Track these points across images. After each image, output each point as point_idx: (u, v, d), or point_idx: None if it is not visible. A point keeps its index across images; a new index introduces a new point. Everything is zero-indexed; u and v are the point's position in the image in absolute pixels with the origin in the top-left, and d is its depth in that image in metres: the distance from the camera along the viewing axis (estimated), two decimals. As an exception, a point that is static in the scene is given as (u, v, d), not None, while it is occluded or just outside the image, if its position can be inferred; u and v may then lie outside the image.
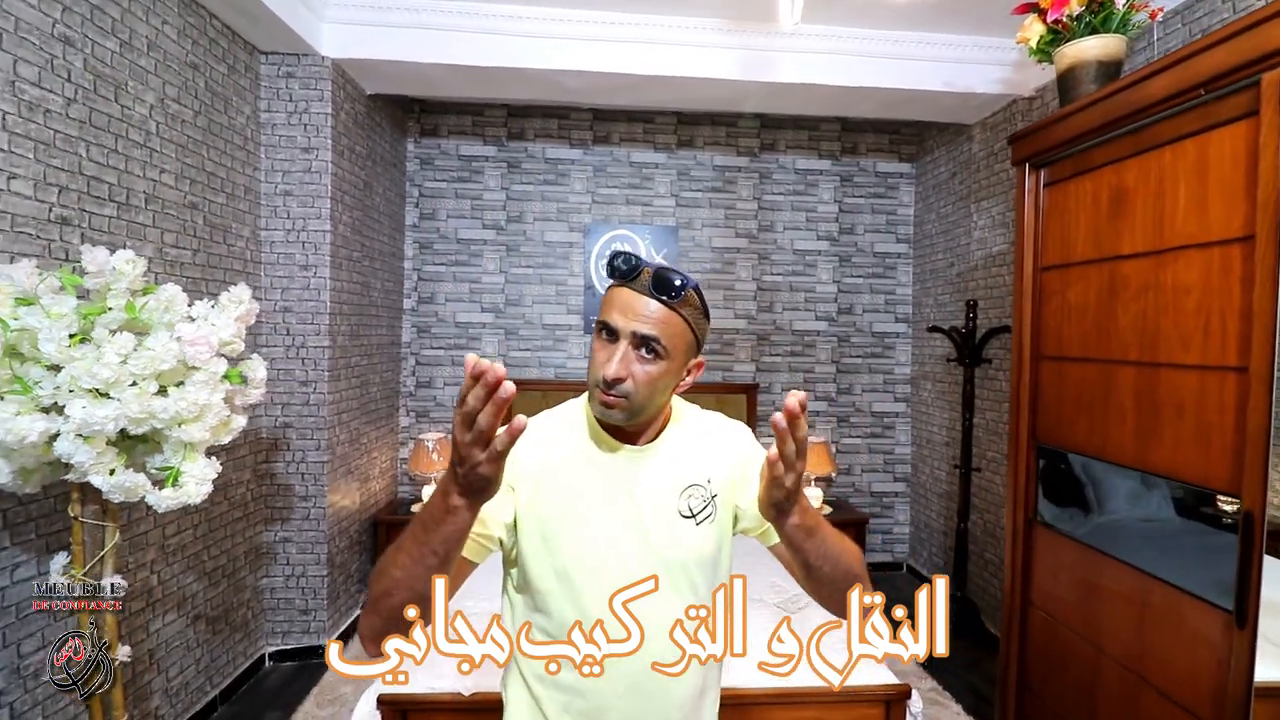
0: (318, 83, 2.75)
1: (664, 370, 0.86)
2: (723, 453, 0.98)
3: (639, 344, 0.84)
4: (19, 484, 1.42)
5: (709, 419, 1.04)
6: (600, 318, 0.87)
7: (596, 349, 0.87)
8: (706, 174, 3.83)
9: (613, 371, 0.83)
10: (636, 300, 0.84)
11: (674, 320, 0.85)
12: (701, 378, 3.45)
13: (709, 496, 0.94)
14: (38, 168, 1.71)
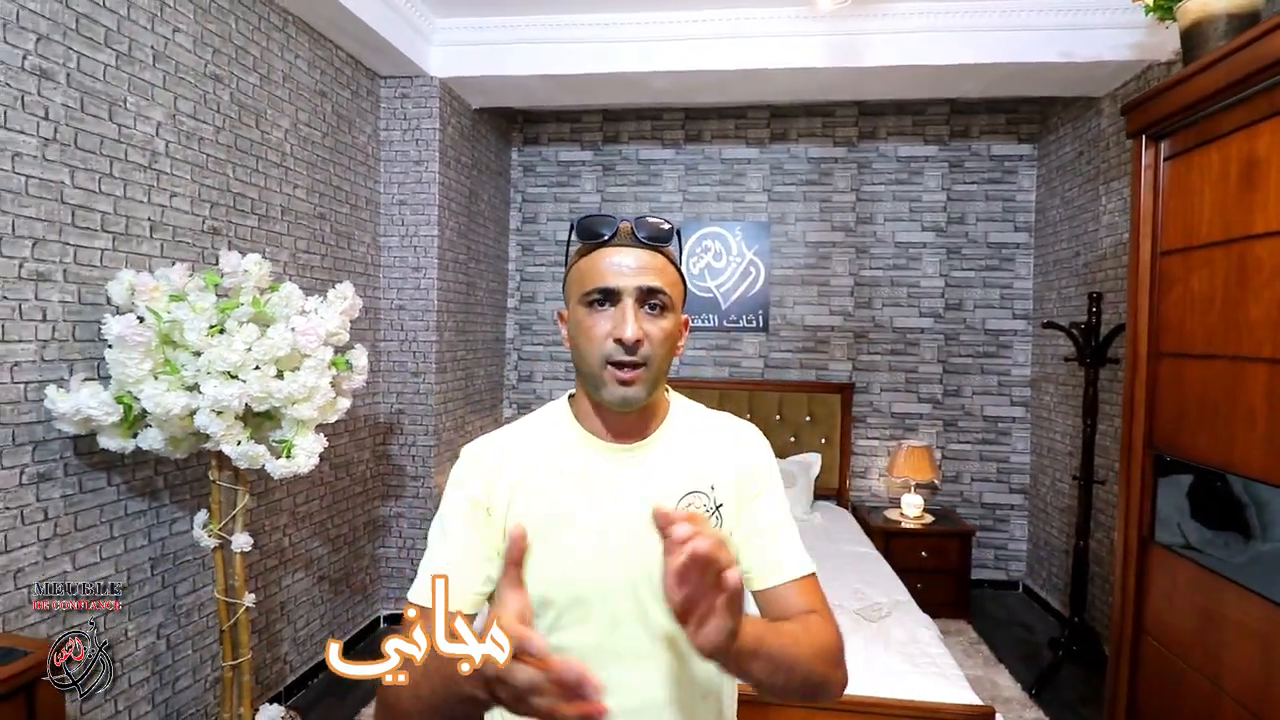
0: (427, 101, 3.02)
1: (673, 326, 0.77)
2: (729, 456, 0.83)
3: (643, 299, 0.74)
4: (170, 450, 1.70)
5: (713, 416, 0.89)
6: (588, 287, 0.75)
7: (588, 325, 0.75)
8: (800, 167, 3.73)
9: (631, 330, 0.71)
10: (628, 255, 0.75)
11: (669, 268, 0.77)
12: (795, 375, 3.37)
13: (713, 506, 0.79)
14: (193, 187, 2.05)
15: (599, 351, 0.74)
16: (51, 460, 1.65)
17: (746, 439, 0.86)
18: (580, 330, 0.76)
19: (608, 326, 0.73)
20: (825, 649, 0.71)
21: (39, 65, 1.58)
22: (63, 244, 1.66)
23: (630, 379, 0.73)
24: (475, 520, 0.78)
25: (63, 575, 1.68)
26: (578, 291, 0.77)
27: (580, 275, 0.77)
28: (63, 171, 1.65)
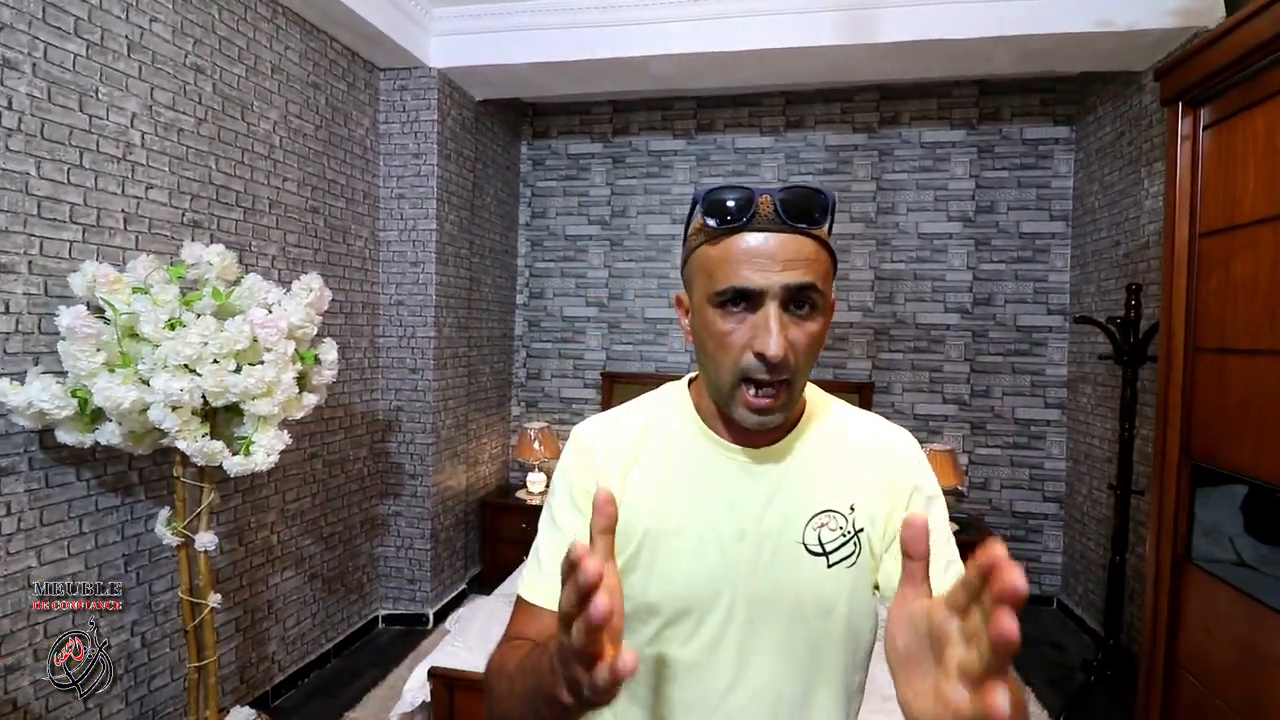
0: (426, 93, 2.96)
1: (823, 327, 0.64)
2: (877, 470, 0.69)
3: (789, 301, 0.60)
4: (131, 446, 1.67)
5: (862, 420, 0.75)
6: (720, 285, 0.61)
7: (721, 329, 0.62)
8: (817, 155, 3.55)
9: (777, 346, 0.58)
10: (771, 242, 0.60)
11: (823, 255, 0.63)
12: (817, 375, 3.22)
13: (850, 531, 0.67)
14: (172, 179, 2.02)
15: (734, 365, 0.62)
16: (14, 454, 1.63)
17: (900, 450, 0.71)
18: (709, 334, 0.63)
19: (746, 336, 0.61)
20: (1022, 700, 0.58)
21: (1, 55, 1.56)
22: (27, 235, 1.64)
23: (769, 404, 0.62)
24: (583, 513, 0.69)
25: (26, 570, 1.66)
26: (706, 287, 0.63)
27: (708, 266, 0.63)
28: (28, 162, 1.63)
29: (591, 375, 3.83)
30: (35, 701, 1.69)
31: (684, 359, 3.75)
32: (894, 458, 0.71)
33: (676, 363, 3.75)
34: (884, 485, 0.69)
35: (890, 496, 0.69)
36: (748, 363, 0.61)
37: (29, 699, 1.67)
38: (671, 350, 3.77)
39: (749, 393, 0.62)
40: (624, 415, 0.76)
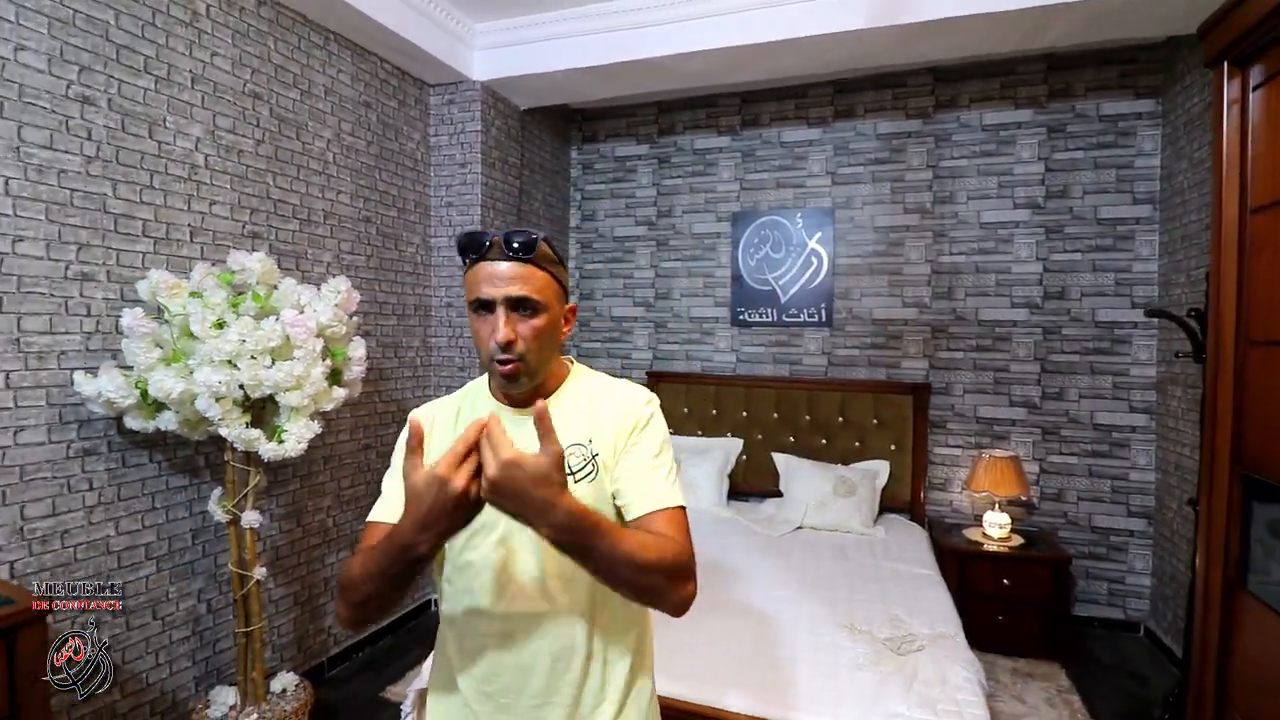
0: (470, 105, 3.12)
1: (545, 322, 0.90)
2: (612, 413, 0.96)
3: (514, 306, 0.88)
4: (187, 432, 1.88)
5: (611, 383, 1.02)
6: (471, 299, 0.90)
7: (478, 328, 0.90)
8: (868, 145, 3.40)
9: (502, 335, 0.86)
10: (497, 268, 0.88)
11: (536, 274, 0.89)
12: (862, 374, 3.09)
13: (589, 455, 0.93)
14: (233, 195, 2.26)
15: (486, 350, 0.89)
16: (96, 438, 1.88)
17: (630, 398, 0.98)
18: (473, 331, 0.92)
19: (488, 330, 0.88)
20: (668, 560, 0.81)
21: (81, 93, 1.82)
22: (105, 248, 1.90)
23: (511, 371, 0.88)
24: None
25: (105, 539, 1.92)
26: (467, 299, 0.92)
27: (467, 285, 0.92)
28: (105, 185, 1.89)
29: (638, 374, 3.87)
30: (115, 652, 1.95)
31: (730, 358, 3.70)
32: (624, 405, 0.96)
33: (723, 361, 3.71)
34: (614, 420, 0.95)
35: (617, 427, 0.94)
36: (492, 349, 0.88)
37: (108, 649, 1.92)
38: (717, 349, 3.73)
39: (498, 367, 0.89)
40: (443, 402, 1.04)
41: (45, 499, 1.78)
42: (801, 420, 3.48)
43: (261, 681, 2.05)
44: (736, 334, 3.68)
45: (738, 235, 3.64)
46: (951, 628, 2.12)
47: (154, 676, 2.06)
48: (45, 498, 1.78)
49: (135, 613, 2.00)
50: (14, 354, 1.71)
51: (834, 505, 3.07)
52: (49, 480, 1.79)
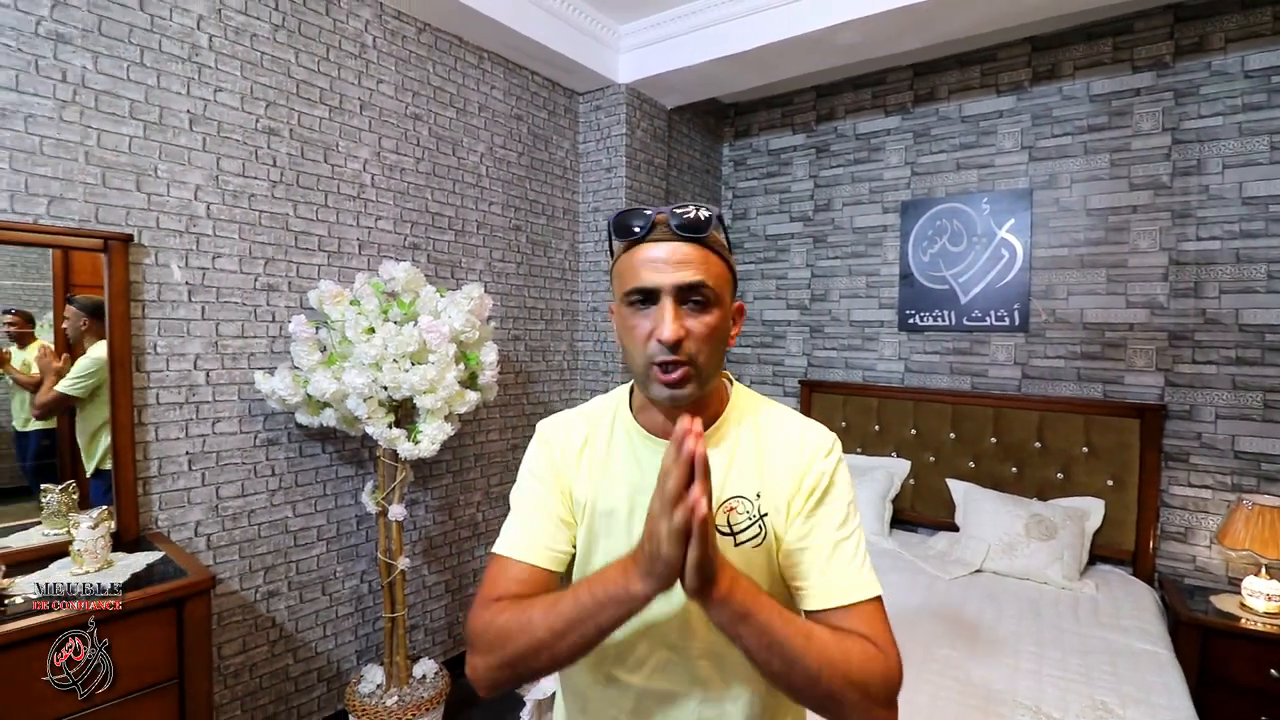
0: (615, 108, 3.11)
1: (718, 319, 0.75)
2: (786, 462, 0.79)
3: (684, 297, 0.73)
4: (345, 428, 2.05)
5: (779, 416, 0.83)
6: (625, 289, 0.75)
7: (632, 326, 0.75)
8: (1078, 111, 2.79)
9: (670, 331, 0.71)
10: (664, 249, 0.73)
11: (712, 259, 0.74)
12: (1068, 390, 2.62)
13: (756, 514, 0.78)
14: (395, 210, 2.45)
15: (643, 352, 0.74)
16: (278, 429, 2.13)
17: (811, 445, 0.80)
18: (624, 330, 0.77)
19: (648, 326, 0.73)
20: (853, 669, 0.66)
21: (268, 125, 2.07)
22: (288, 261, 2.14)
23: (676, 379, 0.73)
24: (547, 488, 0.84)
25: (284, 519, 2.17)
26: (619, 289, 0.78)
27: (620, 273, 0.77)
28: (287, 205, 2.13)
29: (791, 384, 3.59)
30: (288, 622, 2.19)
31: (897, 367, 3.28)
32: (802, 454, 0.79)
33: (888, 371, 3.30)
34: (790, 474, 0.78)
35: (793, 484, 0.77)
36: (653, 349, 0.72)
37: (284, 619, 2.17)
38: (881, 357, 3.32)
39: (659, 373, 0.73)
40: (577, 414, 0.90)
41: (236, 482, 2.05)
42: (985, 443, 2.96)
43: (405, 665, 2.18)
44: (905, 340, 3.25)
45: (907, 227, 3.21)
46: (1186, 729, 1.61)
47: (321, 646, 2.29)
48: (236, 480, 2.05)
49: (307, 588, 2.24)
50: (213, 355, 1.98)
51: (1025, 548, 2.56)
52: (239, 465, 2.05)
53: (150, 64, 1.81)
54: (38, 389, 1.72)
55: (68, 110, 1.68)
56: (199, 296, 1.94)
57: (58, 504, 1.72)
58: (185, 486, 1.94)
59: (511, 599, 0.75)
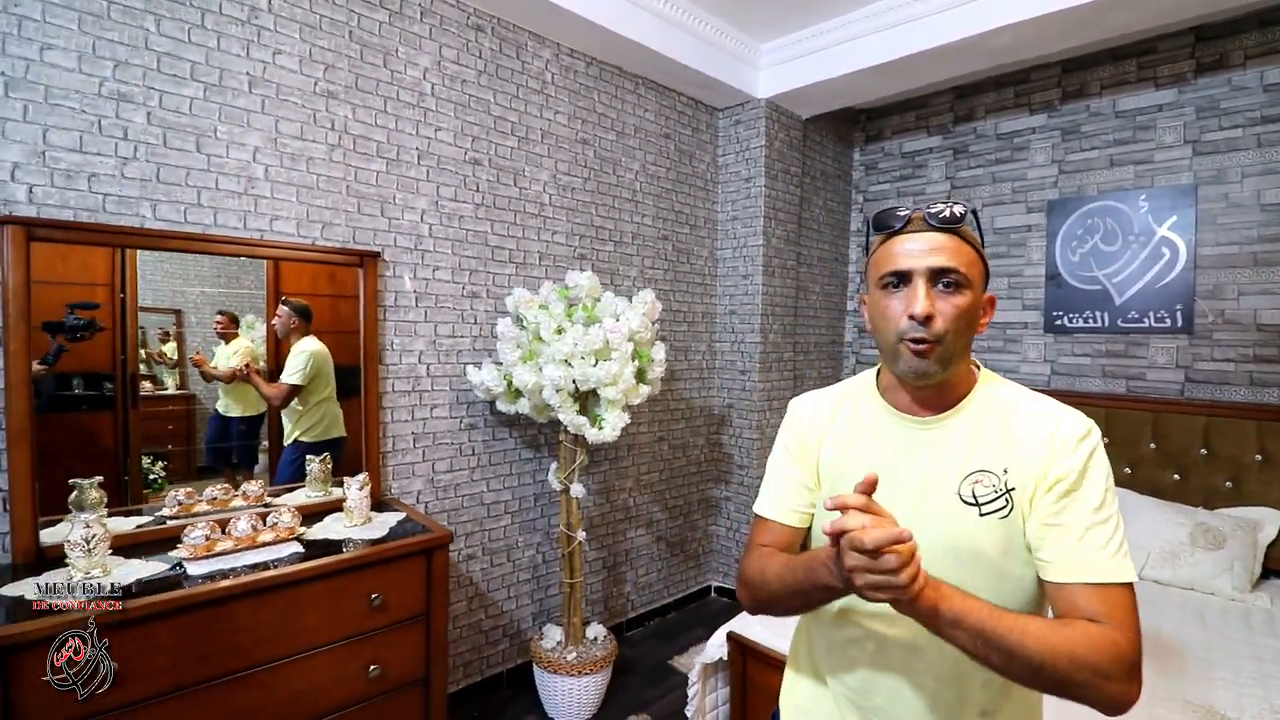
0: (755, 122, 3.29)
1: (968, 302, 0.79)
2: (1038, 439, 0.79)
3: (935, 279, 0.79)
4: (536, 415, 2.37)
5: (1031, 400, 0.84)
6: (881, 273, 0.83)
7: (885, 306, 0.82)
8: (1250, 102, 2.66)
9: (922, 306, 0.77)
10: (919, 238, 0.80)
11: (964, 248, 0.80)
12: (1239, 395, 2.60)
13: (1003, 489, 0.79)
14: (567, 225, 2.76)
15: (895, 329, 0.80)
16: (477, 416, 2.49)
17: (1062, 424, 0.80)
18: (877, 311, 0.84)
19: (901, 306, 0.80)
20: (1077, 652, 0.68)
21: (473, 157, 2.43)
22: (486, 273, 2.50)
23: (924, 350, 0.78)
24: (793, 458, 0.97)
25: (479, 494, 2.52)
26: (874, 277, 0.85)
27: (876, 262, 0.85)
28: (485, 224, 2.49)
29: (925, 383, 3.61)
30: (482, 582, 2.54)
31: (1043, 369, 3.23)
32: (1054, 433, 0.79)
33: (1032, 374, 3.26)
34: (1044, 454, 0.78)
35: (1046, 464, 0.78)
36: (905, 325, 0.79)
37: (479, 579, 2.53)
38: (1025, 359, 3.29)
39: (909, 346, 0.79)
40: (826, 393, 1.00)
41: (446, 459, 2.42)
42: (1143, 448, 2.87)
43: (580, 627, 2.47)
44: (1051, 342, 3.20)
45: (1054, 227, 3.16)
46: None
47: (505, 606, 2.63)
48: (446, 458, 2.42)
49: (496, 554, 2.59)
50: (432, 351, 2.36)
51: (1190, 558, 2.48)
52: (449, 445, 2.42)
53: (391, 110, 2.21)
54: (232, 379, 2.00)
55: (335, 153, 2.09)
56: (423, 303, 2.32)
57: (319, 472, 2.14)
58: (410, 461, 2.32)
59: (767, 548, 0.93)
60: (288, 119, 1.98)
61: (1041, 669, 0.68)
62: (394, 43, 2.20)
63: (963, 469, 0.82)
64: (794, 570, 0.81)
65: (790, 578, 0.81)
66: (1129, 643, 0.70)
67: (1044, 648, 0.68)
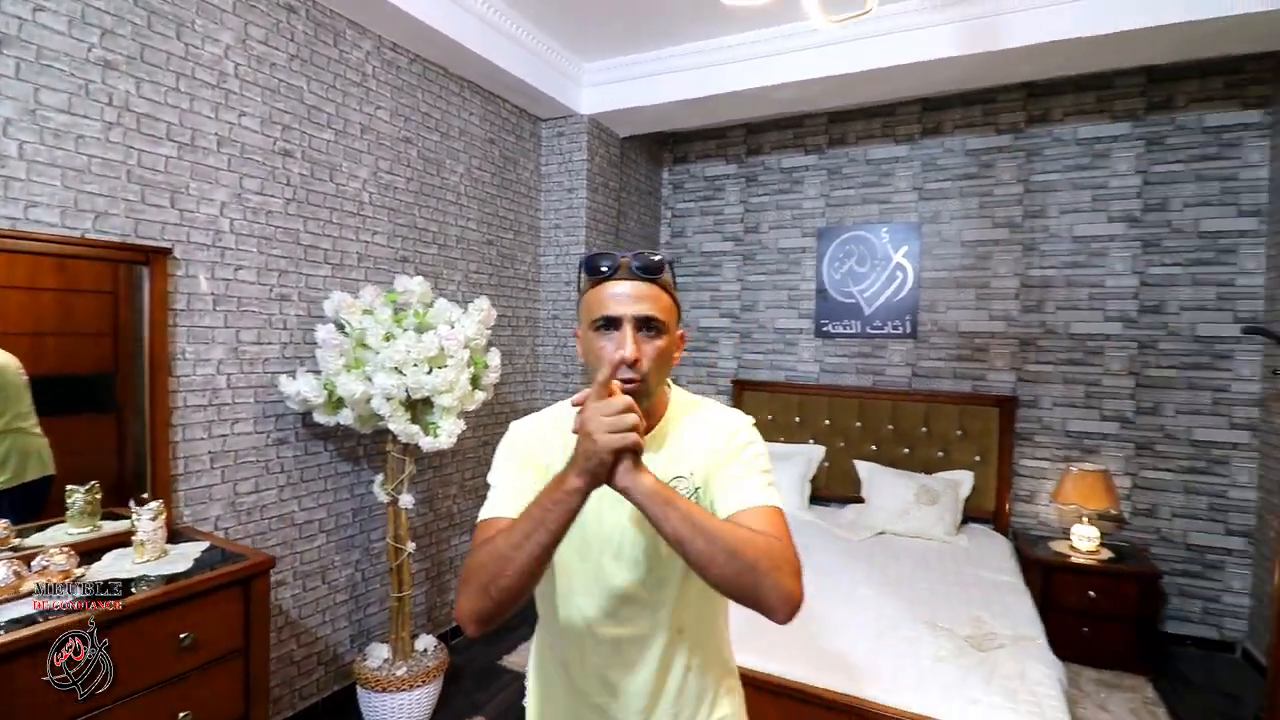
0: (577, 136, 3.44)
1: (666, 344, 0.91)
2: (708, 443, 0.96)
3: (640, 326, 0.89)
4: (359, 426, 2.26)
5: (705, 408, 1.02)
6: (595, 316, 0.91)
7: (599, 345, 0.90)
8: (956, 161, 3.48)
9: (630, 351, 0.86)
10: (627, 287, 0.90)
11: (663, 296, 0.92)
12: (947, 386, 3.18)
13: (693, 489, 0.94)
14: (389, 226, 2.65)
15: (607, 363, 0.87)
16: (287, 430, 2.30)
17: (725, 427, 0.97)
18: (591, 349, 0.92)
19: (612, 347, 0.89)
20: (762, 547, 0.79)
21: (284, 148, 2.23)
22: (298, 274, 2.31)
23: (634, 390, 0.87)
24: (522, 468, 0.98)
25: (291, 513, 2.33)
26: (588, 318, 0.93)
27: (589, 304, 0.93)
28: (298, 221, 2.30)
29: (723, 383, 4.09)
30: (293, 610, 2.35)
31: (813, 368, 3.86)
32: (718, 431, 0.97)
33: (805, 371, 3.87)
34: (710, 450, 0.95)
35: (712, 456, 0.94)
36: (613, 363, 0.85)
37: (289, 607, 2.34)
38: (800, 360, 3.89)
39: (619, 386, 0.85)
40: (545, 416, 1.04)
41: (251, 478, 2.20)
42: (884, 430, 3.59)
43: (409, 641, 2.41)
44: (820, 345, 3.84)
45: (822, 250, 3.79)
46: (1034, 631, 2.22)
47: (320, 631, 2.46)
48: (250, 478, 2.20)
49: (309, 577, 2.41)
50: (233, 360, 2.13)
51: (916, 513, 3.18)
52: (254, 463, 2.20)
53: (185, 89, 1.95)
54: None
55: (113, 132, 1.80)
56: (223, 306, 2.09)
57: (84, 504, 1.83)
58: (208, 484, 2.08)
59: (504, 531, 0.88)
60: (51, 88, 1.66)
61: (735, 552, 0.76)
62: (189, 13, 1.94)
63: (663, 476, 0.92)
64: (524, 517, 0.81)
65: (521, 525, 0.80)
66: (790, 548, 0.83)
67: (738, 535, 0.79)
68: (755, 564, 0.76)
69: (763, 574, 0.76)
